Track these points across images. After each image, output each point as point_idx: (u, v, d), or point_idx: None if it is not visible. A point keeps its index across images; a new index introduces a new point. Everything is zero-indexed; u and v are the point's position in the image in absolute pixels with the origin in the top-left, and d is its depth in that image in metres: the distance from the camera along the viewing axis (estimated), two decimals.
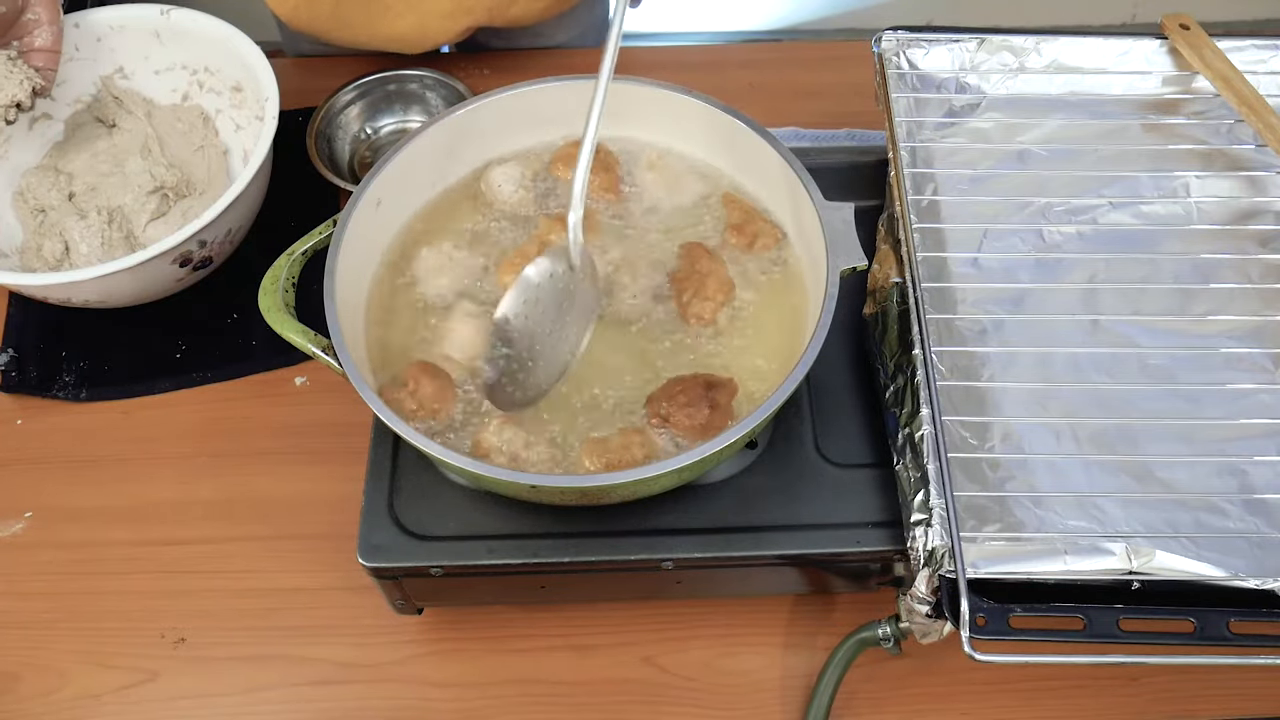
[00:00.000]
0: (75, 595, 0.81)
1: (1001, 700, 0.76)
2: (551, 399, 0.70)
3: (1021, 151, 0.83)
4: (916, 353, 0.70)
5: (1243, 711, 0.75)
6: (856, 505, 0.72)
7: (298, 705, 0.77)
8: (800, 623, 0.79)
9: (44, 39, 0.87)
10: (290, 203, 0.97)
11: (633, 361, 0.73)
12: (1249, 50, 0.87)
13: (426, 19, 1.05)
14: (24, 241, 0.93)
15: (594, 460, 0.68)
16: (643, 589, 0.77)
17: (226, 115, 0.99)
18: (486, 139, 0.82)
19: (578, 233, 0.70)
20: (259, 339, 0.92)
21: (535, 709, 0.76)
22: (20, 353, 0.92)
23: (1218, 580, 0.63)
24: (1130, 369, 0.72)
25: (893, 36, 0.87)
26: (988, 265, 0.77)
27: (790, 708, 0.76)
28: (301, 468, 0.86)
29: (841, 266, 0.69)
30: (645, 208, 0.81)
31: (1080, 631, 0.62)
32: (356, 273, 0.75)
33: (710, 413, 0.68)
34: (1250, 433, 0.69)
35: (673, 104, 0.80)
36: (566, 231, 0.71)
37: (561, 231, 0.73)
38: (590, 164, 0.70)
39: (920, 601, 0.65)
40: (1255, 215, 0.80)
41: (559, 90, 0.81)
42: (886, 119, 0.83)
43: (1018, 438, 0.69)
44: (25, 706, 0.77)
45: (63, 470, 0.87)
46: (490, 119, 0.81)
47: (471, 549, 0.70)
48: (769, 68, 1.14)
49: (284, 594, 0.81)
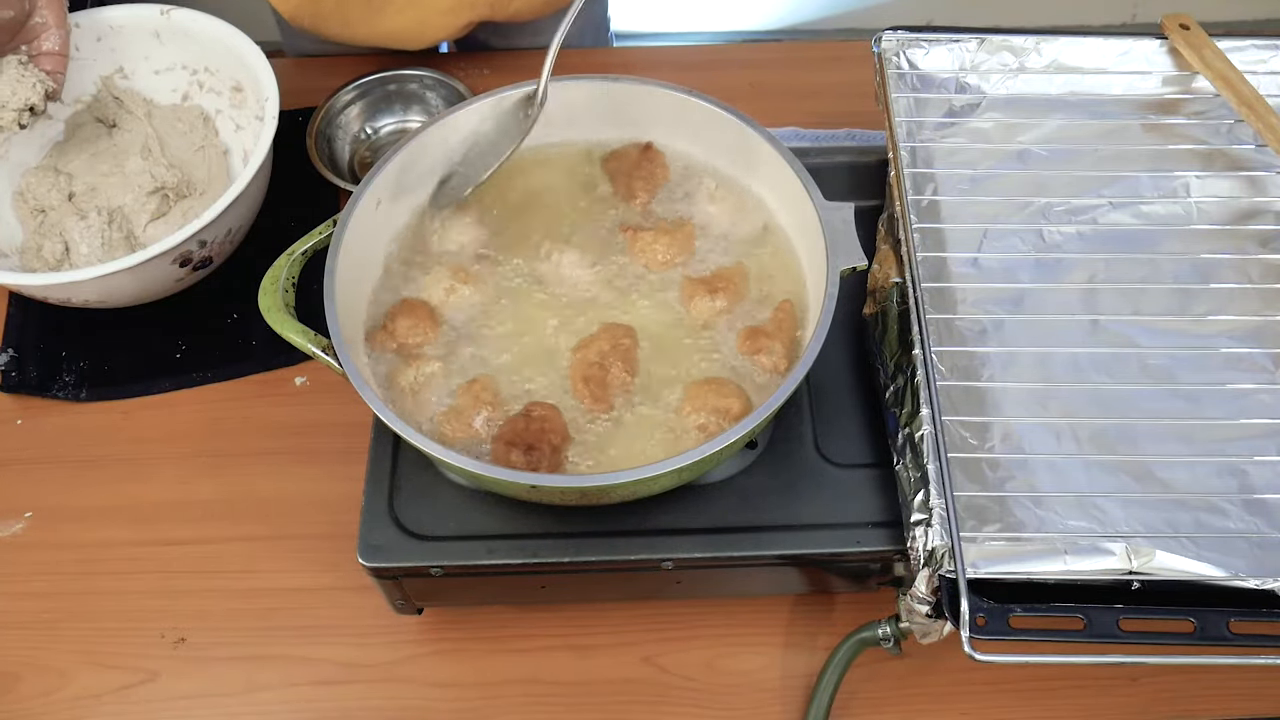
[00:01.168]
0: (75, 595, 0.81)
1: (1001, 700, 0.76)
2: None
3: (1021, 151, 0.83)
4: (916, 353, 0.70)
5: (1243, 711, 0.75)
6: (856, 505, 0.72)
7: (298, 705, 0.77)
8: (800, 623, 0.79)
9: (52, 43, 0.87)
10: (290, 203, 0.97)
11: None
12: (1249, 50, 0.87)
13: (427, 14, 1.05)
14: (24, 241, 0.94)
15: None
16: (643, 589, 0.77)
17: (226, 115, 0.99)
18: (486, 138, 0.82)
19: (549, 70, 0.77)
20: (259, 339, 0.92)
21: (535, 709, 0.76)
22: (20, 353, 0.92)
23: (1218, 580, 0.63)
24: (1130, 369, 0.72)
25: (893, 36, 0.87)
26: (988, 265, 0.77)
27: (790, 708, 0.76)
28: (301, 468, 0.86)
29: (841, 266, 0.69)
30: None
31: (1080, 631, 0.62)
32: (356, 273, 0.75)
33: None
34: (1250, 433, 0.69)
35: (673, 104, 0.80)
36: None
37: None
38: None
39: (920, 601, 0.65)
40: (1255, 215, 0.80)
41: (559, 90, 0.80)
42: (886, 119, 0.83)
43: (1018, 438, 0.69)
44: (25, 706, 0.77)
45: (63, 470, 0.87)
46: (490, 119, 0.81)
47: (471, 549, 0.70)
48: (769, 68, 1.14)
49: (284, 594, 0.81)
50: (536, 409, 0.70)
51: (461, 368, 0.73)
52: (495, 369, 0.73)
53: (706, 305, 0.75)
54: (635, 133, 0.83)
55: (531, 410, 0.70)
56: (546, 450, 0.68)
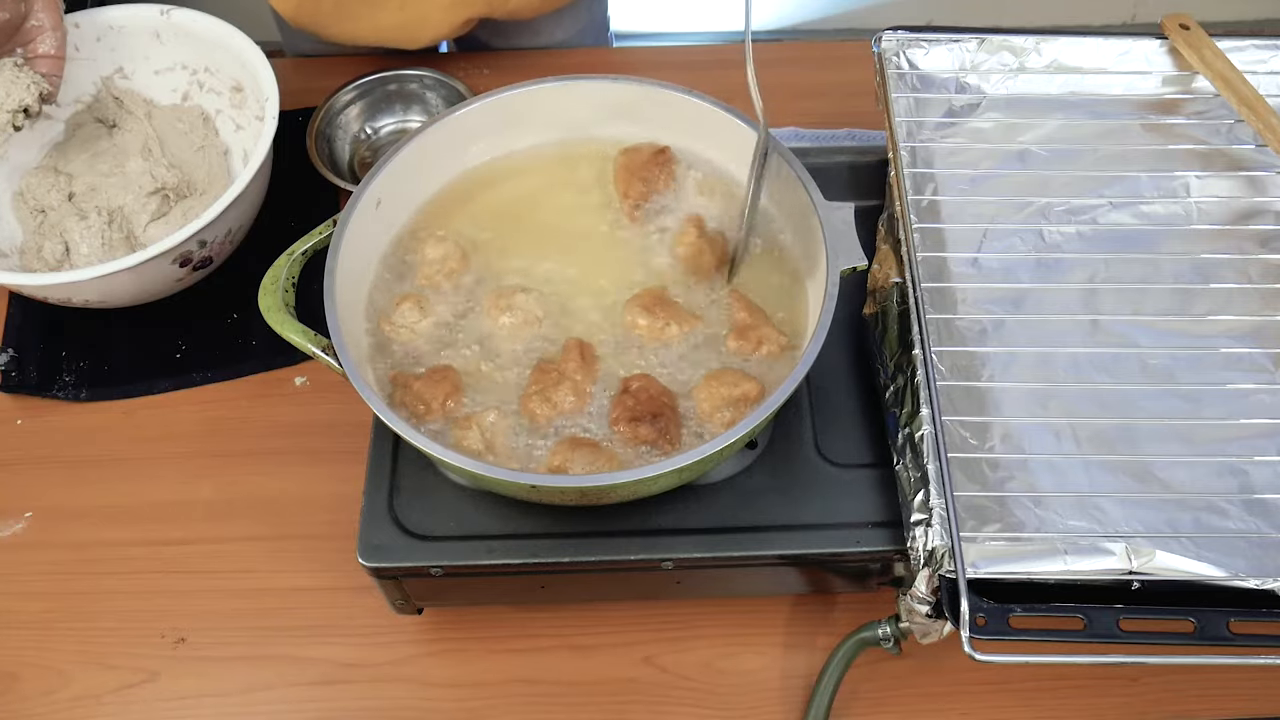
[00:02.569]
0: (75, 595, 0.81)
1: (1001, 700, 0.76)
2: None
3: (1021, 151, 0.83)
4: (916, 353, 0.70)
5: (1243, 711, 0.75)
6: (856, 505, 0.72)
7: (298, 705, 0.77)
8: (800, 623, 0.79)
9: (48, 45, 0.87)
10: (290, 203, 0.97)
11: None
12: (1249, 50, 0.87)
13: (427, 10, 1.05)
14: (24, 242, 0.94)
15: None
16: (643, 589, 0.77)
17: (226, 115, 0.99)
18: (487, 139, 0.82)
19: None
20: (259, 339, 0.92)
21: (535, 709, 0.76)
22: (20, 353, 0.92)
23: (1218, 580, 0.63)
24: (1130, 369, 0.72)
25: (893, 36, 0.87)
26: (988, 265, 0.77)
27: (790, 708, 0.76)
28: (301, 468, 0.86)
29: (841, 266, 0.69)
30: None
31: (1080, 631, 0.62)
32: (356, 273, 0.75)
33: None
34: (1250, 433, 0.69)
35: (674, 104, 0.80)
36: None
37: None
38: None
39: (920, 601, 0.65)
40: (1255, 215, 0.80)
41: (559, 90, 0.81)
42: (886, 119, 0.83)
43: (1018, 438, 0.69)
44: (25, 706, 0.77)
45: (63, 470, 0.87)
46: (490, 119, 0.81)
47: (471, 549, 0.70)
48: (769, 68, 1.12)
49: (284, 594, 0.81)
50: (633, 382, 0.70)
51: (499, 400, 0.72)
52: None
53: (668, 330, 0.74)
54: (635, 132, 0.83)
55: (629, 384, 0.70)
56: (669, 414, 0.69)
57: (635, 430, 0.68)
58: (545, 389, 0.70)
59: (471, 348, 0.74)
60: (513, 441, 0.70)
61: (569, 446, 0.68)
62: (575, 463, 0.67)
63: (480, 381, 0.73)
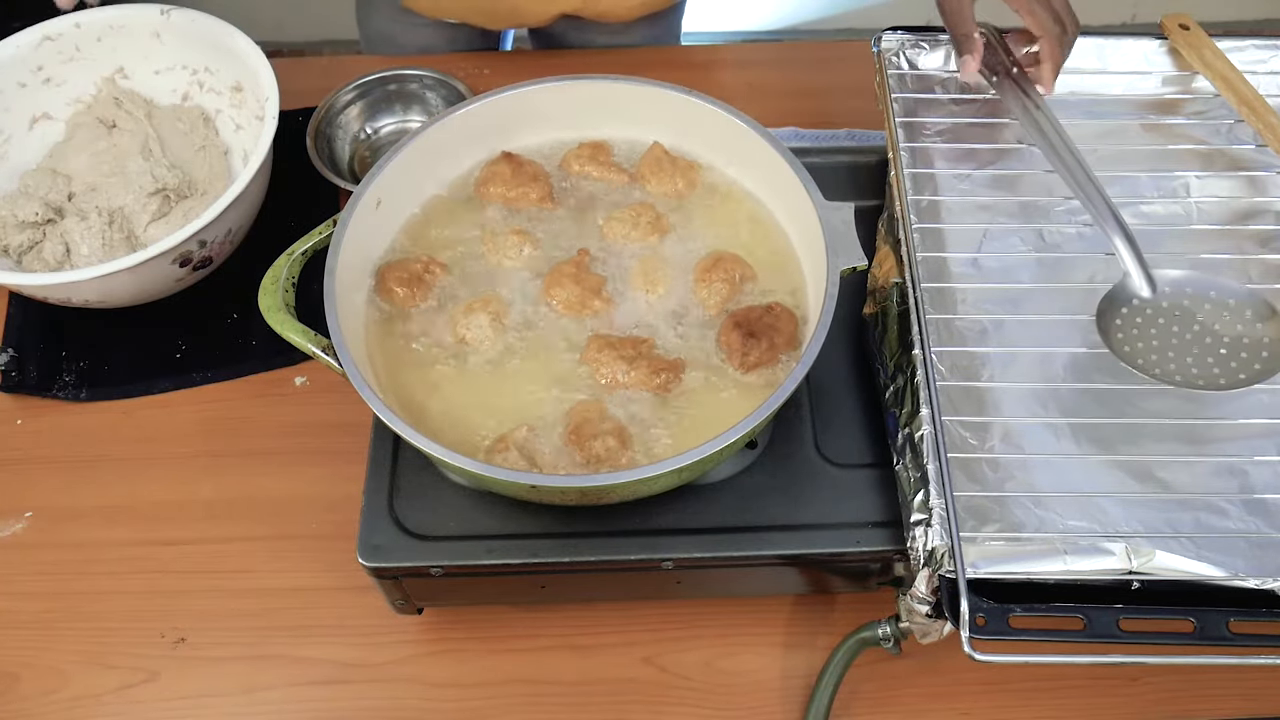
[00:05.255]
0: (75, 595, 0.81)
1: (1001, 700, 0.76)
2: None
3: (1022, 151, 0.83)
4: (916, 353, 0.70)
5: (1243, 711, 0.75)
6: (856, 505, 0.72)
7: (298, 705, 0.77)
8: (800, 623, 0.79)
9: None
10: (290, 203, 0.97)
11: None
12: (1249, 50, 0.87)
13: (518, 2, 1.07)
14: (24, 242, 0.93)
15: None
16: (643, 589, 0.77)
17: (226, 115, 0.99)
18: (486, 139, 0.82)
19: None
20: (259, 339, 0.92)
21: (535, 709, 0.76)
22: (20, 353, 0.92)
23: (1218, 580, 0.63)
24: None
25: (893, 37, 0.87)
26: (988, 265, 0.77)
27: (790, 708, 0.76)
28: (301, 468, 0.86)
29: (841, 266, 0.69)
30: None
31: (1080, 631, 0.62)
32: (356, 273, 0.75)
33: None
34: (1250, 433, 0.69)
35: (674, 104, 0.80)
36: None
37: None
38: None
39: (920, 601, 0.65)
40: (1255, 215, 0.80)
41: (559, 90, 0.81)
42: (886, 119, 0.83)
43: (1018, 438, 0.69)
44: (25, 706, 0.77)
45: (63, 470, 0.87)
46: (490, 119, 0.81)
47: (471, 549, 0.70)
48: (769, 68, 1.14)
49: (284, 594, 0.81)
50: (776, 306, 0.73)
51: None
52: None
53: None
54: (636, 132, 0.83)
55: (774, 306, 0.73)
56: (765, 344, 0.71)
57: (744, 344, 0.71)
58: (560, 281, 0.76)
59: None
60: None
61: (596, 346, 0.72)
62: (602, 364, 0.72)
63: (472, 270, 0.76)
